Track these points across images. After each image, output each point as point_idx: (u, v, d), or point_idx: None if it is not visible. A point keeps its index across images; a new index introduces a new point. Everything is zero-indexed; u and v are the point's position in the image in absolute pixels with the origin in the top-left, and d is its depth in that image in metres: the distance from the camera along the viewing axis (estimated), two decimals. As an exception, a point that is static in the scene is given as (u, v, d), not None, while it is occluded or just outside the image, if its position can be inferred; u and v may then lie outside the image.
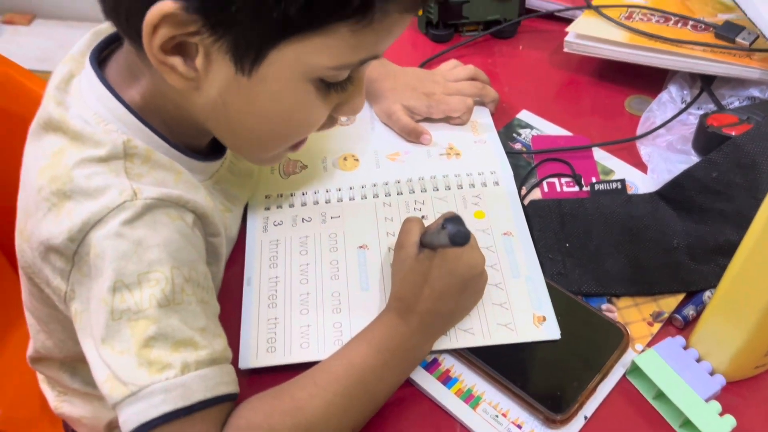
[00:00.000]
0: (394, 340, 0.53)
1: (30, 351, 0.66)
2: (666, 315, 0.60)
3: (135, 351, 0.44)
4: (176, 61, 0.45)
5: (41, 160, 0.50)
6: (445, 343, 0.57)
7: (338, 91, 0.51)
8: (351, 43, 0.45)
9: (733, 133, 0.66)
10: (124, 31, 0.49)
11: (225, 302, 0.54)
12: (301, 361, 0.55)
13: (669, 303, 0.61)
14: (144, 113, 0.51)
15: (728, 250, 0.59)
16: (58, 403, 0.69)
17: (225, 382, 0.48)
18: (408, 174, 0.70)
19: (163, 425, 0.44)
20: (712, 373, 0.55)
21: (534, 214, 0.66)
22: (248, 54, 0.45)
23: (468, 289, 0.56)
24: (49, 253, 0.48)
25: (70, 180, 0.47)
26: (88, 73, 0.52)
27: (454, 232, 0.47)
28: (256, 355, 0.56)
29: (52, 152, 0.49)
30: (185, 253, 0.49)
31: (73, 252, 0.46)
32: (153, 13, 0.42)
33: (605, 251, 0.64)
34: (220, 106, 0.49)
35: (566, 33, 0.81)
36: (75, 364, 0.63)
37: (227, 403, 0.48)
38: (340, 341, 0.56)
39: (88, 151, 0.48)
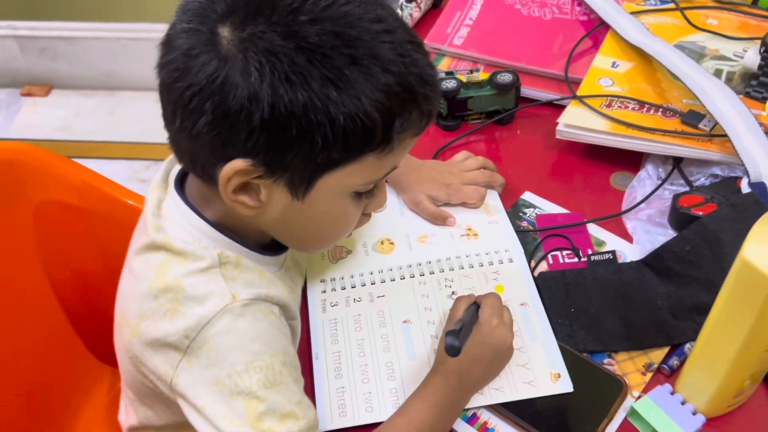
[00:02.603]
0: (439, 397, 0.66)
1: (132, 421, 0.77)
2: (655, 366, 0.73)
3: (251, 423, 0.56)
4: (244, 198, 0.57)
5: (148, 273, 0.62)
6: (480, 400, 0.69)
7: (368, 196, 0.64)
8: (377, 165, 0.58)
9: (701, 213, 0.79)
10: (198, 176, 0.61)
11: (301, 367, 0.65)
12: (368, 423, 0.68)
13: (657, 355, 0.74)
14: (222, 227, 0.62)
15: (703, 310, 0.71)
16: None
17: None
18: (437, 254, 0.83)
19: None
20: (694, 413, 0.67)
21: (543, 285, 0.79)
22: (301, 186, 0.57)
23: (497, 359, 0.69)
24: (164, 347, 0.59)
25: (182, 289, 0.59)
26: (175, 199, 0.64)
27: (448, 347, 0.62)
28: (331, 419, 0.68)
29: (155, 266, 0.61)
30: (279, 341, 0.61)
31: (186, 346, 0.57)
32: (227, 169, 0.53)
33: (603, 314, 0.77)
34: (281, 222, 0.62)
35: (556, 117, 0.94)
36: (168, 430, 0.74)
37: None
38: (397, 404, 0.68)
39: (191, 264, 0.60)
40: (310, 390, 0.71)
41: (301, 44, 0.51)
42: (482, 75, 1.00)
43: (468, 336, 0.65)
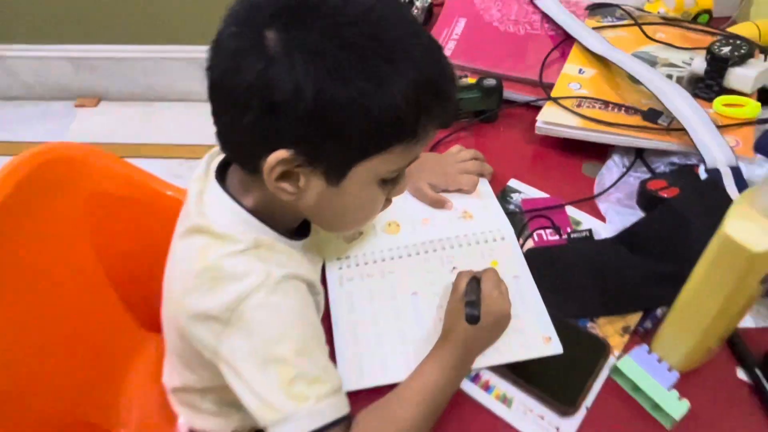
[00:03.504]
0: (449, 361, 0.60)
1: (175, 383, 0.72)
2: (632, 328, 0.67)
3: (283, 388, 0.51)
4: (285, 185, 0.52)
5: (191, 254, 0.57)
6: (483, 361, 0.63)
7: (392, 183, 0.59)
8: (404, 155, 0.53)
9: (666, 195, 0.73)
10: (242, 165, 0.57)
11: None
12: (383, 384, 0.61)
13: (633, 318, 0.68)
14: (259, 214, 0.57)
15: (670, 279, 0.66)
16: (191, 419, 0.73)
17: (344, 406, 0.55)
18: (438, 234, 0.76)
19: None
20: (669, 369, 0.61)
21: (531, 260, 0.73)
22: (336, 174, 0.52)
23: (498, 326, 0.63)
24: (206, 320, 0.53)
25: (222, 268, 0.54)
26: (216, 189, 0.58)
27: (469, 316, 0.58)
28: (351, 381, 0.61)
29: (198, 248, 0.56)
30: (307, 314, 0.57)
31: (227, 318, 0.52)
32: (272, 159, 0.49)
33: (584, 284, 0.71)
34: (316, 207, 0.57)
35: (535, 115, 0.88)
36: (207, 391, 0.68)
37: (346, 422, 0.54)
38: (408, 366, 0.61)
39: (230, 246, 0.54)
40: (331, 356, 0.64)
41: (342, 44, 0.47)
42: (470, 80, 0.93)
43: (480, 302, 0.59)
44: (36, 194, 0.80)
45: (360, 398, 0.60)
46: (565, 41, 1.03)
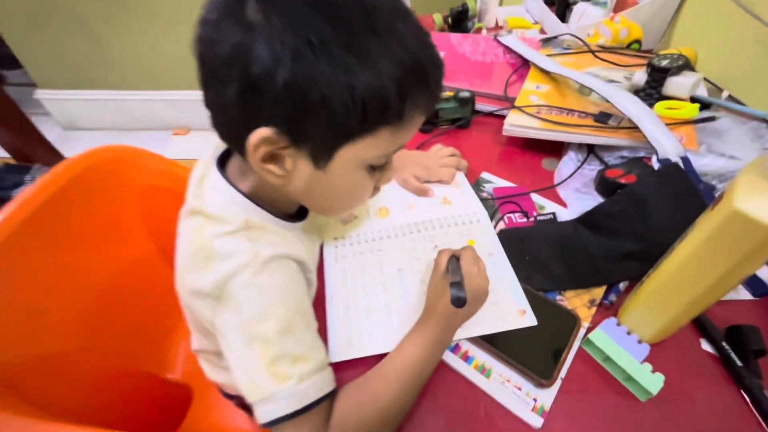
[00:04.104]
0: (431, 336, 0.40)
1: (194, 345, 0.53)
2: (598, 301, 0.47)
3: (266, 367, 0.34)
4: (272, 167, 0.34)
5: (189, 234, 0.39)
6: (462, 333, 0.44)
7: (380, 171, 0.38)
8: (390, 140, 0.34)
9: (624, 182, 0.52)
10: (234, 148, 0.37)
11: (316, 309, 0.40)
12: (370, 354, 0.42)
13: (598, 292, 0.48)
14: (255, 198, 0.39)
15: (631, 257, 0.47)
16: (212, 374, 0.55)
17: (328, 383, 0.36)
18: (422, 217, 0.56)
19: (289, 420, 0.34)
20: (639, 342, 0.41)
21: (503, 239, 0.53)
22: (322, 156, 0.34)
23: (477, 301, 0.43)
24: (201, 296, 0.36)
25: (211, 248, 0.36)
26: (215, 173, 0.40)
27: (454, 299, 0.37)
28: (340, 351, 0.42)
29: (195, 228, 0.38)
30: (294, 291, 0.38)
31: (218, 295, 0.35)
32: (254, 137, 0.32)
33: (551, 260, 0.51)
34: (306, 191, 0.37)
35: (501, 123, 0.68)
36: (221, 354, 0.49)
37: (330, 399, 0.35)
38: (393, 338, 0.42)
39: (221, 227, 0.37)
40: (323, 327, 0.44)
41: (324, 10, 0.28)
42: (448, 93, 0.73)
43: (464, 283, 0.39)
44: (95, 184, 0.62)
45: (348, 366, 0.41)
46: (522, 66, 0.82)
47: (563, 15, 0.97)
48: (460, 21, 1.00)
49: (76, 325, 0.57)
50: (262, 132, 0.31)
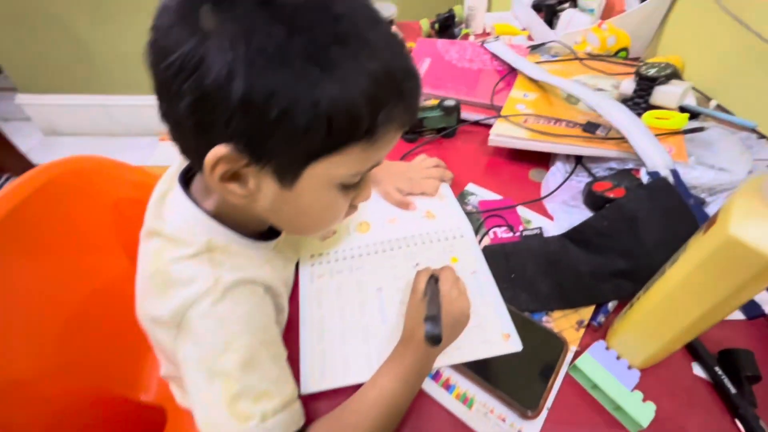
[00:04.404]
0: (407, 367, 0.38)
1: (162, 371, 0.49)
2: (586, 322, 0.45)
3: (226, 405, 0.31)
4: (234, 186, 0.31)
5: (148, 257, 0.36)
6: (443, 360, 0.41)
7: (354, 189, 0.36)
8: (362, 157, 0.31)
9: (612, 196, 0.50)
10: (193, 164, 0.34)
11: (289, 334, 0.38)
12: (344, 385, 0.39)
13: (586, 312, 0.46)
14: (220, 217, 0.36)
15: (620, 274, 0.44)
16: (182, 400, 0.52)
17: (295, 422, 0.33)
18: (404, 233, 0.53)
19: None
20: (629, 367, 0.39)
21: (488, 256, 0.50)
22: (287, 175, 0.31)
23: (458, 325, 0.41)
24: (161, 324, 0.34)
25: (169, 273, 0.33)
26: (177, 190, 0.37)
27: (429, 336, 0.33)
28: (312, 382, 0.39)
29: (153, 251, 0.35)
30: (259, 321, 0.34)
31: (176, 324, 0.32)
32: (211, 156, 0.29)
33: (537, 278, 0.48)
34: (273, 211, 0.35)
35: (487, 132, 0.65)
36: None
37: None
38: (370, 367, 0.40)
39: (180, 250, 0.34)
40: (295, 354, 0.42)
41: (280, 14, 0.25)
42: (433, 101, 0.70)
43: (440, 317, 0.35)
44: (63, 196, 0.58)
45: (320, 397, 0.38)
46: (510, 74, 0.80)
47: (551, 21, 0.96)
48: (447, 27, 0.98)
49: (44, 346, 0.54)
50: (219, 150, 0.28)
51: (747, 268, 0.26)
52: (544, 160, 0.65)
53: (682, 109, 0.65)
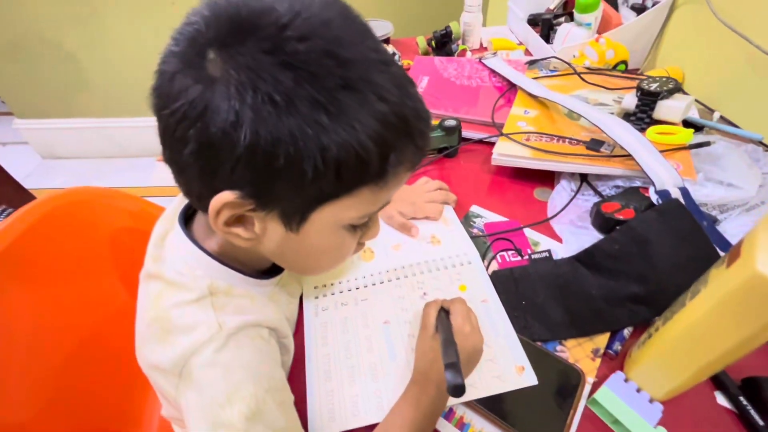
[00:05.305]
0: (422, 410, 0.36)
1: (164, 411, 0.47)
2: (602, 351, 0.43)
3: None
4: (239, 230, 0.30)
5: (147, 301, 0.35)
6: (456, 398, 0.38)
7: (362, 228, 0.34)
8: (371, 199, 0.30)
9: (622, 217, 0.49)
10: (197, 206, 0.34)
11: (295, 370, 0.37)
12: (354, 427, 0.37)
13: (601, 340, 0.44)
14: (223, 257, 0.35)
15: (635, 299, 0.43)
16: (185, 440, 0.49)
17: None
18: (409, 260, 0.52)
19: None
20: (651, 401, 0.37)
21: (497, 281, 0.49)
22: (294, 218, 0.30)
23: (471, 362, 0.39)
24: (161, 371, 0.32)
25: (169, 319, 0.32)
26: (178, 231, 0.36)
27: (451, 387, 0.31)
28: (321, 426, 0.37)
29: (153, 296, 0.34)
30: (264, 367, 0.33)
31: (178, 373, 0.31)
32: (215, 202, 0.28)
33: (548, 304, 0.47)
34: (279, 253, 0.34)
35: (489, 150, 0.65)
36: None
37: None
38: (381, 406, 0.38)
39: (182, 295, 0.33)
40: (302, 395, 0.40)
41: (287, 60, 0.24)
42: (434, 122, 0.70)
43: (460, 363, 0.33)
44: (61, 230, 0.56)
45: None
46: (509, 90, 0.80)
47: (548, 36, 0.96)
48: (444, 44, 0.98)
49: (42, 384, 0.52)
50: (224, 196, 0.27)
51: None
52: (548, 178, 0.64)
53: (686, 123, 0.65)
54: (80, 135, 1.93)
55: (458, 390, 0.30)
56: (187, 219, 0.37)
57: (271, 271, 0.40)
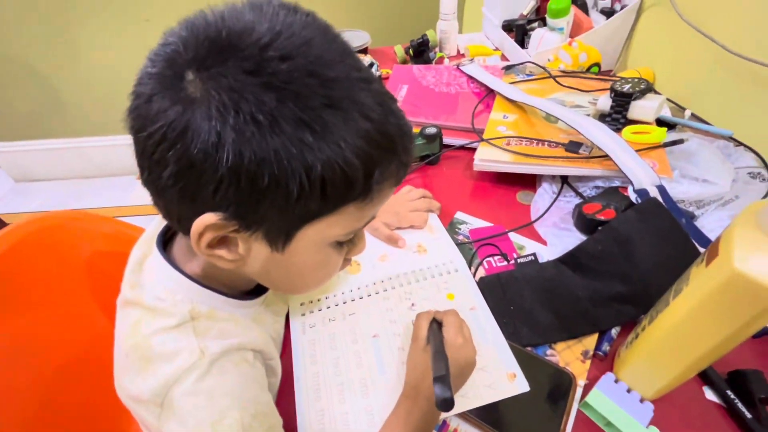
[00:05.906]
0: (413, 422, 0.35)
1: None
2: (591, 353, 0.43)
3: None
4: (222, 252, 0.30)
5: (125, 329, 0.33)
6: (450, 408, 0.38)
7: (348, 245, 0.34)
8: (357, 216, 0.30)
9: (603, 218, 0.50)
10: (177, 229, 0.33)
11: (283, 389, 0.37)
12: (347, 448, 0.36)
13: (590, 341, 0.44)
14: (205, 279, 0.34)
15: (620, 299, 0.43)
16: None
17: None
18: (396, 270, 0.52)
19: None
20: (642, 401, 0.37)
21: (484, 288, 0.49)
22: (279, 238, 0.29)
23: (463, 375, 0.38)
24: (142, 402, 0.30)
25: (150, 347, 0.31)
26: (156, 255, 0.34)
27: (440, 401, 0.30)
28: (312, 448, 0.36)
29: (131, 323, 0.32)
30: (250, 392, 0.32)
31: (160, 403, 0.30)
32: (198, 224, 0.27)
33: (536, 308, 0.47)
34: (264, 273, 0.33)
35: (471, 155, 0.65)
36: None
37: None
38: (373, 423, 0.37)
39: (162, 321, 0.31)
40: (291, 417, 0.39)
41: (270, 80, 0.23)
42: (415, 130, 0.70)
43: (449, 377, 0.32)
44: (38, 254, 0.55)
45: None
46: (488, 95, 0.81)
47: (522, 41, 0.97)
48: (421, 52, 0.99)
49: (11, 414, 0.49)
50: (206, 218, 0.26)
51: (757, 302, 0.25)
52: (530, 181, 0.65)
53: (659, 122, 0.66)
54: (56, 156, 1.88)
55: (446, 404, 0.30)
56: (165, 242, 0.36)
57: (255, 291, 0.39)
